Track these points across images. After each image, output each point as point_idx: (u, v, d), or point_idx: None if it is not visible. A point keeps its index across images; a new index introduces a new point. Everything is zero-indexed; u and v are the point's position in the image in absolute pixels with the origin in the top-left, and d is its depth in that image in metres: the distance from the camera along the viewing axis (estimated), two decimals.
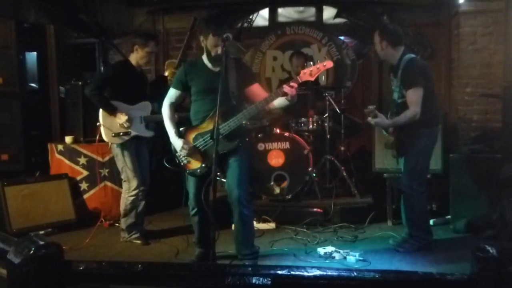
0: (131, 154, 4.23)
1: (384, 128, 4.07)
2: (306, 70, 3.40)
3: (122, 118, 4.13)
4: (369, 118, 3.82)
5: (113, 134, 4.17)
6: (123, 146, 4.22)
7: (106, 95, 4.19)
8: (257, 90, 3.64)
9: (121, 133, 4.17)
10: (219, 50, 3.43)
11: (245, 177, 3.58)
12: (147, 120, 4.28)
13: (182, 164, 3.59)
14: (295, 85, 3.35)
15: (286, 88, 3.34)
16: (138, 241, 4.34)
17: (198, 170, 3.54)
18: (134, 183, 4.26)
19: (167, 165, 3.69)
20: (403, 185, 4.02)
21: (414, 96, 3.77)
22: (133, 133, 4.21)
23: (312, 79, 3.44)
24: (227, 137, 3.43)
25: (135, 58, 4.25)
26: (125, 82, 4.21)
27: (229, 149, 3.48)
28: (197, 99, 3.62)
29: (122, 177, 4.34)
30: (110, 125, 4.16)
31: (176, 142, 3.56)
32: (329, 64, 3.44)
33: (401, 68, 3.87)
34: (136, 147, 4.30)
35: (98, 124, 4.23)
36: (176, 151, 3.60)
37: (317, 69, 3.39)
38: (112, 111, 4.15)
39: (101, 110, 4.19)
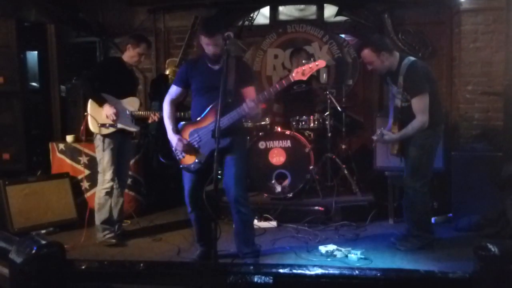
0: (112, 147, 4.28)
1: (393, 144, 3.98)
2: (299, 69, 3.41)
3: (109, 110, 4.20)
4: (375, 140, 3.86)
5: (100, 124, 4.23)
6: (106, 137, 4.26)
7: (96, 87, 4.28)
8: (249, 94, 3.60)
9: (108, 124, 4.23)
10: (211, 49, 3.46)
11: (241, 175, 3.57)
12: (134, 115, 4.35)
13: (177, 159, 3.63)
14: (284, 84, 3.43)
15: (277, 87, 3.44)
16: (113, 241, 4.31)
17: (192, 166, 3.56)
18: (108, 176, 4.29)
19: (162, 160, 3.71)
20: (406, 185, 3.97)
21: (420, 105, 3.71)
22: (119, 126, 4.27)
23: (305, 78, 3.46)
24: (220, 133, 3.41)
25: (127, 56, 4.36)
26: (114, 77, 4.31)
27: (222, 146, 3.42)
28: (195, 96, 3.66)
29: (99, 169, 4.37)
30: (97, 116, 4.23)
31: (172, 138, 3.61)
32: (321, 63, 3.44)
33: (402, 74, 3.76)
34: (120, 142, 4.35)
35: (85, 114, 4.30)
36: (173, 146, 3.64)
37: (310, 68, 3.40)
38: (100, 102, 4.24)
39: (90, 100, 4.28)
